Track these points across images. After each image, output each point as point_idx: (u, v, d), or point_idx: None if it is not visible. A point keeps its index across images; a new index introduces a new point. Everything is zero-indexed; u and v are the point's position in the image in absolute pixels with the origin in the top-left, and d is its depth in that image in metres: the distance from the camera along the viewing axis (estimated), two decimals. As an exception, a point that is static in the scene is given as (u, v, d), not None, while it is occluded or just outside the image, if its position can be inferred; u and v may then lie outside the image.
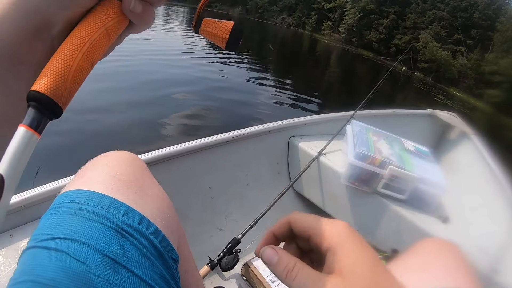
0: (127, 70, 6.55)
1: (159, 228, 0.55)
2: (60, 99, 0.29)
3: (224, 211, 1.76)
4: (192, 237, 1.60)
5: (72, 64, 0.30)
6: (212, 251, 1.41)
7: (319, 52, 23.45)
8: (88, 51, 0.31)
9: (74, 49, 0.30)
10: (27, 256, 0.47)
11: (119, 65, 6.50)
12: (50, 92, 0.28)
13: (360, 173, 1.61)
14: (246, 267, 1.45)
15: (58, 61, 0.29)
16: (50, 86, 0.28)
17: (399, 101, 11.69)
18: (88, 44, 0.31)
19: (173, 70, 7.45)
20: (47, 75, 0.28)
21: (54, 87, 0.28)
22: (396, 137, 1.89)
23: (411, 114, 2.79)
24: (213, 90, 6.39)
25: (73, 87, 0.30)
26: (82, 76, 0.31)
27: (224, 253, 1.36)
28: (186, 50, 10.30)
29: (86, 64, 0.31)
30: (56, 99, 0.28)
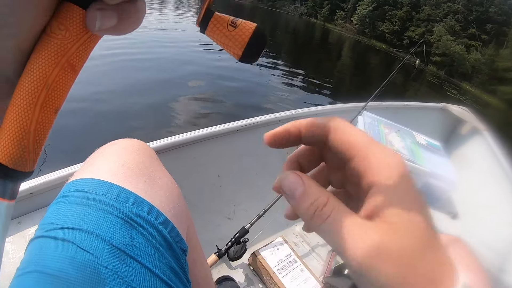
0: (134, 56, 6.55)
1: (168, 218, 0.54)
2: (25, 166, 0.26)
3: (232, 200, 1.75)
4: (199, 225, 1.58)
5: (30, 123, 0.24)
6: (219, 240, 1.41)
7: (331, 42, 23.22)
8: (46, 100, 0.25)
9: (28, 103, 0.24)
10: (34, 246, 0.47)
11: (125, 51, 6.52)
12: (12, 163, 0.25)
13: (371, 166, 1.57)
14: (253, 257, 1.44)
15: (13, 123, 0.24)
16: (10, 157, 0.24)
17: (411, 94, 11.56)
18: (45, 91, 0.24)
19: (182, 57, 7.42)
20: (4, 143, 0.24)
21: (15, 157, 0.25)
22: (407, 130, 1.86)
23: (423, 107, 2.75)
24: (223, 79, 6.36)
25: (37, 146, 0.26)
26: (45, 129, 0.26)
27: (232, 243, 1.36)
28: (197, 36, 10.26)
29: (49, 115, 0.26)
30: (21, 168, 0.25)
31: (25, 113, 0.24)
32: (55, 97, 0.25)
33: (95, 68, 5.04)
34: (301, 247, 1.66)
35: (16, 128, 0.24)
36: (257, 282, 1.44)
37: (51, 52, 0.23)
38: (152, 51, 7.33)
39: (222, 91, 5.69)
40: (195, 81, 5.84)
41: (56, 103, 0.25)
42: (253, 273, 1.46)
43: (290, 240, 1.65)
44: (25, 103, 0.24)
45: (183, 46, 8.57)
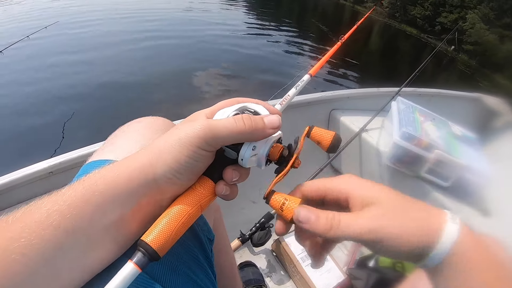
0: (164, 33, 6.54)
1: None
2: (162, 253, 0.37)
3: (258, 184, 1.70)
4: (223, 208, 1.56)
5: (174, 229, 0.38)
6: (243, 224, 1.37)
7: (360, 25, 22.75)
8: (185, 221, 0.40)
9: (176, 218, 0.39)
10: None
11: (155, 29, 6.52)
12: (158, 249, 0.36)
13: (404, 154, 1.50)
14: (277, 243, 1.41)
15: (166, 226, 0.38)
16: (158, 245, 0.36)
17: (442, 82, 11.24)
18: (187, 216, 0.40)
19: (211, 38, 7.35)
20: (158, 235, 0.37)
21: (160, 246, 0.37)
22: (443, 119, 1.76)
23: (457, 96, 2.60)
24: (250, 60, 6.28)
25: (171, 244, 0.38)
26: (178, 237, 0.39)
27: (257, 228, 1.32)
28: (225, 17, 10.17)
29: (183, 229, 0.40)
30: (160, 253, 0.37)
31: (174, 223, 0.38)
32: (189, 222, 0.40)
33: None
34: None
35: (167, 230, 0.38)
36: (279, 269, 1.40)
37: (194, 198, 0.41)
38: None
39: (248, 72, 5.62)
40: (225, 63, 5.80)
41: (187, 225, 0.40)
42: (276, 259, 1.43)
43: (315, 227, 1.61)
44: (175, 218, 0.39)
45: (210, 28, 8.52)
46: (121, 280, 0.33)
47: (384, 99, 1.90)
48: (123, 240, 0.40)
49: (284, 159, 0.46)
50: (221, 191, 0.43)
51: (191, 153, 0.39)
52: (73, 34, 6.00)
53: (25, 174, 0.98)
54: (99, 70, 4.55)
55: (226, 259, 0.77)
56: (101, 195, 0.37)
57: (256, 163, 0.45)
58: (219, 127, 0.40)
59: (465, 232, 0.36)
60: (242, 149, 0.42)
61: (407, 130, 1.47)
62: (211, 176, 0.43)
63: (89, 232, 0.36)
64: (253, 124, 0.41)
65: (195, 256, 0.50)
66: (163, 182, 0.39)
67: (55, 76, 4.31)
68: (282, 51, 7.77)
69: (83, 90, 3.95)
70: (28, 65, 4.57)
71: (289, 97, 0.66)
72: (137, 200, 0.39)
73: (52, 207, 0.35)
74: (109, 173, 0.39)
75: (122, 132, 0.58)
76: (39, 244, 0.32)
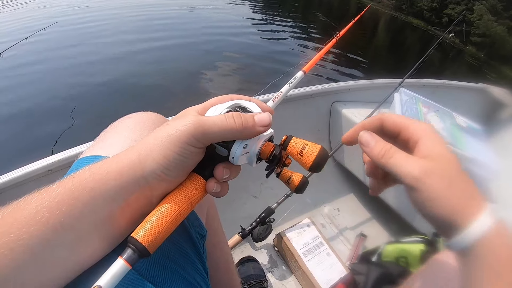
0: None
1: None
2: (152, 250, 0.37)
3: (259, 178, 1.69)
4: (224, 203, 1.55)
5: (164, 226, 0.38)
6: (244, 219, 1.36)
7: (366, 17, 22.62)
8: (175, 218, 0.39)
9: (166, 216, 0.39)
10: None
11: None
12: (147, 245, 0.36)
13: (407, 147, 1.47)
14: (278, 238, 1.39)
15: (156, 223, 0.38)
16: (148, 241, 0.36)
17: (449, 74, 11.12)
18: (177, 214, 0.40)
19: (214, 29, 7.30)
20: (147, 232, 0.37)
21: (150, 242, 0.37)
22: (447, 110, 1.73)
23: (462, 87, 2.55)
24: (252, 50, 6.24)
25: (161, 241, 0.38)
26: (168, 234, 0.39)
27: (257, 223, 1.30)
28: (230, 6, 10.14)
29: (173, 226, 0.39)
30: (150, 250, 0.37)
31: (164, 220, 0.38)
32: (179, 218, 0.40)
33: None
34: (329, 230, 1.59)
35: (157, 226, 0.38)
36: (281, 265, 1.39)
37: (185, 195, 0.41)
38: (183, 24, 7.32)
39: (251, 62, 5.58)
40: (228, 53, 5.78)
41: (177, 222, 0.40)
42: (278, 254, 1.41)
43: (318, 221, 1.59)
44: (165, 215, 0.39)
45: (214, 19, 8.52)
46: (111, 276, 0.33)
47: (386, 91, 1.87)
48: (113, 237, 0.40)
49: (275, 157, 0.46)
50: (212, 189, 0.43)
51: (180, 150, 0.39)
52: (72, 33, 6.01)
53: (25, 172, 0.98)
54: (101, 68, 4.54)
55: (221, 255, 0.76)
56: (90, 192, 0.37)
57: (247, 161, 0.46)
58: (209, 123, 0.40)
59: (499, 229, 0.36)
60: (233, 147, 0.43)
61: (410, 122, 1.44)
62: (202, 173, 0.43)
63: (78, 228, 0.36)
64: (243, 122, 0.41)
65: (185, 253, 0.50)
66: (152, 178, 0.39)
67: (57, 75, 4.32)
68: (287, 42, 7.73)
69: (84, 89, 3.94)
70: (28, 63, 4.56)
71: (282, 93, 0.65)
72: (126, 197, 0.39)
73: (42, 203, 0.35)
74: (98, 170, 0.39)
75: (113, 128, 0.58)
76: (27, 239, 0.33)
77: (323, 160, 0.44)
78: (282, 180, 0.49)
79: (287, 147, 0.45)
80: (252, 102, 0.47)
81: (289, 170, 0.48)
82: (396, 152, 0.41)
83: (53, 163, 1.01)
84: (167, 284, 0.44)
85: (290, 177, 0.48)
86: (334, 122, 1.92)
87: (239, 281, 0.89)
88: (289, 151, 0.45)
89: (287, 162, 0.47)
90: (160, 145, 0.39)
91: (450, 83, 2.47)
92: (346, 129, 1.79)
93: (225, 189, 0.45)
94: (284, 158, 0.47)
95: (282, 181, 0.49)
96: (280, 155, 0.46)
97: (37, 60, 4.63)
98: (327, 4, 21.36)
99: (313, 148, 0.44)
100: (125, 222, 0.40)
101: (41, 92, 3.83)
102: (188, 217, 0.51)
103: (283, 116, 1.71)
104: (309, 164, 0.44)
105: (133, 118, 0.59)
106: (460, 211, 0.37)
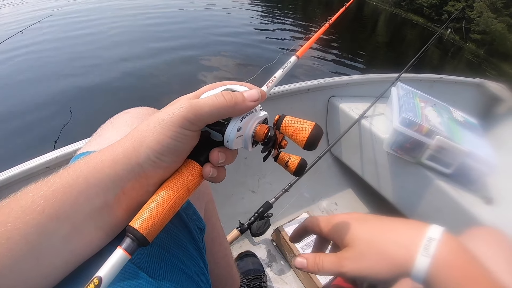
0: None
1: None
2: (150, 238, 0.37)
3: (257, 173, 1.69)
4: (222, 198, 1.56)
5: (162, 214, 0.38)
6: (242, 214, 1.36)
7: (366, 14, 22.48)
8: (173, 205, 0.39)
9: (163, 203, 0.39)
10: None
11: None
12: (146, 234, 0.36)
13: (405, 141, 1.47)
14: (277, 232, 1.39)
15: (154, 211, 0.38)
16: (146, 229, 0.36)
17: (449, 71, 11.08)
18: (174, 200, 0.40)
19: (213, 23, 7.26)
20: (145, 220, 0.37)
21: (148, 230, 0.37)
22: (444, 104, 1.73)
23: (458, 82, 2.56)
24: (251, 45, 6.22)
25: (159, 229, 0.38)
26: (166, 221, 0.39)
27: (255, 218, 1.30)
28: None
29: (170, 214, 0.40)
30: (149, 238, 0.37)
31: (162, 207, 0.38)
32: (177, 205, 0.40)
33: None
34: (327, 224, 1.59)
35: (155, 214, 0.38)
36: (280, 259, 1.39)
37: (181, 181, 0.41)
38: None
39: (248, 57, 5.56)
40: (224, 46, 5.76)
41: (175, 209, 0.40)
42: (276, 249, 1.42)
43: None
44: (163, 202, 0.39)
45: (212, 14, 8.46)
46: (111, 267, 0.33)
47: (384, 85, 1.87)
48: (110, 227, 0.40)
49: (270, 139, 0.46)
50: (208, 173, 0.43)
51: (174, 134, 0.39)
52: (67, 27, 5.95)
53: (23, 170, 0.98)
54: (97, 63, 4.51)
55: (220, 249, 0.76)
56: (85, 180, 0.37)
57: (242, 145, 0.45)
58: (200, 104, 0.40)
59: (440, 262, 0.39)
60: (227, 130, 0.42)
61: (407, 116, 1.44)
62: (197, 159, 0.43)
63: (73, 217, 0.36)
64: (233, 98, 0.41)
65: (184, 246, 0.50)
66: (147, 165, 0.39)
67: (52, 69, 4.28)
68: (284, 38, 7.69)
69: (79, 85, 3.91)
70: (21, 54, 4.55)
71: (275, 78, 0.64)
72: (122, 185, 0.39)
73: (37, 193, 0.35)
74: (93, 159, 0.39)
75: (110, 123, 0.58)
76: (23, 229, 0.33)
77: (317, 137, 0.44)
78: (280, 164, 0.48)
79: (281, 127, 0.45)
80: (244, 86, 0.47)
81: (286, 153, 0.48)
82: (324, 260, 0.48)
83: (51, 160, 1.01)
84: (167, 278, 0.44)
85: (288, 160, 0.47)
86: (331, 116, 1.92)
87: (238, 276, 0.90)
88: (283, 130, 0.45)
89: (283, 144, 0.47)
90: (153, 130, 0.39)
91: (447, 78, 2.47)
92: (343, 124, 1.80)
93: (222, 174, 0.45)
94: (279, 139, 0.47)
95: (280, 164, 0.48)
96: (275, 136, 0.46)
97: (31, 51, 4.63)
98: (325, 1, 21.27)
99: (307, 125, 0.44)
100: (121, 211, 0.40)
101: (36, 90, 3.81)
102: (186, 212, 0.53)
103: (280, 110, 1.69)
104: (304, 141, 0.43)
105: (131, 113, 0.59)
106: (395, 270, 0.42)
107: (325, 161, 1.87)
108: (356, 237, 0.46)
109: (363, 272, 0.43)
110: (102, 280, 0.32)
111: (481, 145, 1.51)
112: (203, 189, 0.65)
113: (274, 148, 0.48)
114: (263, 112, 0.46)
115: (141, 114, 0.59)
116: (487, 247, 0.63)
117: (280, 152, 0.48)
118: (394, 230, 0.45)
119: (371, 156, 1.69)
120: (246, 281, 1.22)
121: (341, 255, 0.46)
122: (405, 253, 0.41)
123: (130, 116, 0.58)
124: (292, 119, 0.45)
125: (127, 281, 0.40)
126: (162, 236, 0.46)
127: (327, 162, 1.92)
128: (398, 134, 1.45)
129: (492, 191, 1.49)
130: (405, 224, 0.46)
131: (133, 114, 0.59)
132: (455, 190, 1.42)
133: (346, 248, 0.46)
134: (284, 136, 0.47)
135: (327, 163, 1.93)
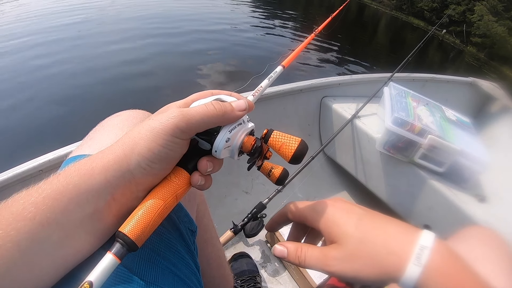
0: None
1: None
2: (140, 243, 0.38)
3: (250, 174, 1.69)
4: (215, 199, 1.56)
5: (151, 220, 0.39)
6: (236, 215, 1.36)
7: (367, 17, 22.51)
8: (161, 212, 0.40)
9: (152, 209, 0.40)
10: None
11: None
12: (135, 239, 0.37)
13: (397, 140, 1.48)
14: (271, 234, 1.40)
15: (143, 217, 0.39)
16: (136, 235, 0.37)
17: (450, 74, 11.09)
18: (163, 207, 0.40)
19: (208, 27, 7.24)
20: (135, 225, 0.38)
21: (138, 236, 0.37)
22: (436, 104, 1.74)
23: (451, 81, 2.57)
24: (246, 46, 6.21)
25: (148, 234, 0.39)
26: (155, 227, 0.40)
27: (249, 218, 1.30)
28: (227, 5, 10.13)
29: (159, 220, 0.40)
30: (138, 243, 0.37)
31: (151, 214, 0.39)
32: (165, 212, 0.41)
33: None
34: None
35: (144, 220, 0.38)
36: (274, 260, 1.39)
37: (170, 188, 0.42)
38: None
39: (242, 58, 5.58)
40: (215, 51, 5.73)
41: (164, 215, 0.41)
42: (270, 250, 1.42)
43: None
44: (151, 209, 0.39)
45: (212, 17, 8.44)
46: (101, 271, 0.34)
47: (376, 85, 1.88)
48: (100, 232, 0.40)
49: (256, 150, 0.47)
50: (197, 182, 0.44)
51: (165, 142, 0.39)
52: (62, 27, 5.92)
53: (15, 173, 0.98)
54: (89, 66, 4.50)
55: (213, 251, 0.76)
56: (76, 187, 0.37)
57: (229, 154, 0.47)
58: (191, 113, 0.41)
59: (431, 271, 0.37)
60: (216, 140, 0.44)
61: (399, 116, 1.45)
62: (186, 167, 0.44)
63: (64, 223, 0.37)
64: (222, 108, 0.43)
65: (175, 249, 0.50)
66: (137, 172, 0.39)
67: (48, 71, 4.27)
68: (282, 39, 7.67)
69: (71, 89, 3.90)
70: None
71: (261, 88, 0.65)
72: (113, 191, 0.39)
73: (28, 199, 0.35)
74: (83, 166, 0.39)
75: (101, 126, 0.58)
76: (15, 235, 0.33)
77: (303, 153, 0.46)
78: (263, 173, 0.50)
79: (268, 140, 0.47)
80: (232, 96, 0.48)
81: (269, 163, 0.50)
82: (307, 251, 0.45)
83: (44, 163, 1.01)
84: (158, 280, 0.44)
85: (271, 170, 0.49)
86: (324, 117, 1.92)
87: (231, 277, 0.89)
88: (270, 144, 0.47)
89: (268, 155, 0.49)
90: (145, 138, 0.39)
91: (439, 77, 2.48)
92: (336, 124, 1.81)
93: (209, 182, 0.46)
94: (265, 151, 0.49)
95: (263, 173, 0.50)
96: (261, 148, 0.48)
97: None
98: (328, 2, 21.27)
99: (294, 140, 0.46)
100: (112, 217, 0.40)
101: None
102: (177, 214, 0.53)
103: (273, 111, 1.71)
104: (290, 156, 0.45)
105: (121, 116, 0.60)
106: (383, 277, 0.40)
107: (318, 161, 1.87)
108: (346, 235, 0.43)
109: (350, 274, 0.41)
110: (93, 284, 0.33)
111: (473, 143, 1.52)
112: (195, 191, 0.64)
113: (259, 159, 0.49)
114: (251, 124, 0.48)
115: (132, 117, 0.59)
116: (479, 247, 0.64)
117: (264, 161, 0.50)
118: (386, 233, 0.42)
119: (364, 156, 1.70)
120: (240, 282, 1.22)
121: (328, 253, 0.43)
122: (396, 260, 0.39)
123: (121, 119, 0.58)
124: (279, 134, 0.47)
125: (119, 285, 0.40)
126: (154, 239, 0.47)
127: (320, 162, 1.92)
128: (390, 133, 1.46)
129: (484, 189, 1.49)
130: (396, 227, 0.43)
131: (124, 117, 0.59)
132: (448, 188, 1.43)
133: (335, 245, 0.43)
134: (269, 147, 0.48)
135: (320, 163, 1.93)
